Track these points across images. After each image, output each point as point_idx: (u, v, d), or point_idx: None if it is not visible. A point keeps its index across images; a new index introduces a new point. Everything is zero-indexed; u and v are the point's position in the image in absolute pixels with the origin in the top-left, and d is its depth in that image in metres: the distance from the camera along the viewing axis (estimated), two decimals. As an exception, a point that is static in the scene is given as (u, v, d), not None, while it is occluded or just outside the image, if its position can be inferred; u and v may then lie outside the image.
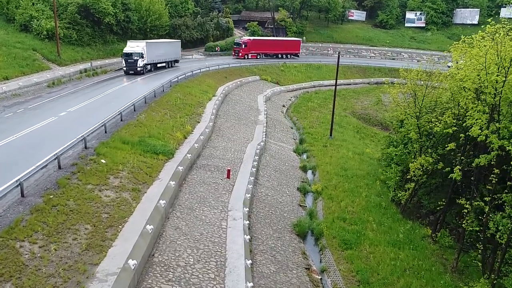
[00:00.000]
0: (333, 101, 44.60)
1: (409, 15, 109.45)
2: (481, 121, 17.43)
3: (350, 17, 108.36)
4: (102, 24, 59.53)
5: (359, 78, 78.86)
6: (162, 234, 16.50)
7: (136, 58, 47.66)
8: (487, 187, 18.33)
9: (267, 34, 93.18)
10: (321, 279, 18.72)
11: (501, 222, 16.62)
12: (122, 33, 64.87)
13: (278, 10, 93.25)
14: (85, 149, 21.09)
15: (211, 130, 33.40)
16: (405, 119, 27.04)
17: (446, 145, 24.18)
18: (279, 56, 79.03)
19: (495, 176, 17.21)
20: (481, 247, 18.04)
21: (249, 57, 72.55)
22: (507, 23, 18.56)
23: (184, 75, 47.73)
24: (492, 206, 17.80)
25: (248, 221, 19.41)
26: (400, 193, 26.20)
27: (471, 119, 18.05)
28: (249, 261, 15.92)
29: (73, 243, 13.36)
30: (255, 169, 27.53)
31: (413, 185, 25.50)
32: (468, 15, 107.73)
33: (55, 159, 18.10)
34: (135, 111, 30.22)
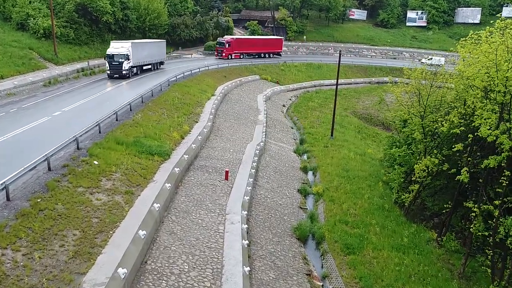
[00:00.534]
0: (334, 101, 43.80)
1: (410, 14, 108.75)
2: (491, 121, 16.62)
3: (351, 16, 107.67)
4: (100, 22, 58.86)
5: (360, 77, 78.08)
6: (155, 239, 15.72)
7: (121, 60, 43.50)
8: (497, 190, 17.53)
9: (267, 33, 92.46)
10: (322, 285, 17.93)
11: (512, 226, 15.86)
12: (120, 32, 64.18)
13: (278, 9, 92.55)
14: (78, 150, 20.30)
15: (210, 130, 32.62)
16: (408, 119, 26.26)
17: (451, 146, 23.54)
18: (262, 55, 75.87)
19: (505, 178, 16.40)
20: (491, 253, 17.22)
21: (232, 57, 69.10)
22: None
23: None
24: (502, 209, 16.99)
25: (246, 225, 18.62)
26: (403, 195, 25.40)
27: (480, 118, 17.24)
28: (247, 268, 15.14)
29: (59, 251, 12.58)
30: (254, 170, 26.75)
31: (417, 186, 24.68)
32: (469, 14, 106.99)
33: (45, 160, 17.32)
34: (131, 110, 29.45)
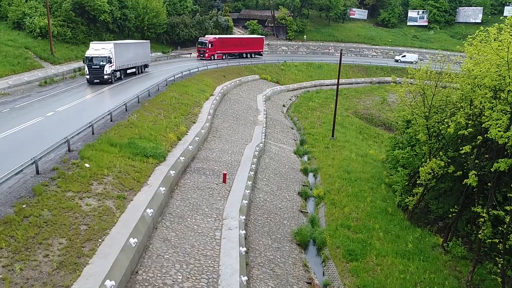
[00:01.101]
0: (335, 101, 42.99)
1: (412, 14, 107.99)
2: (501, 122, 15.79)
3: (351, 16, 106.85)
4: (97, 21, 58.15)
5: (361, 77, 77.28)
6: (148, 247, 14.90)
7: (102, 63, 38.77)
8: (508, 195, 16.71)
9: (267, 32, 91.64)
10: (324, 294, 17.13)
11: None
12: (118, 31, 63.47)
13: (278, 8, 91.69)
14: (69, 152, 19.49)
15: (208, 131, 31.80)
16: (412, 120, 25.45)
17: (457, 147, 22.73)
18: (244, 56, 71.33)
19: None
20: (501, 261, 16.39)
21: (215, 58, 64.77)
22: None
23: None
24: (513, 215, 16.18)
25: (244, 231, 17.80)
26: (407, 198, 24.59)
27: (489, 119, 16.42)
28: (245, 278, 14.32)
29: (43, 261, 11.76)
30: (253, 173, 25.93)
31: (421, 189, 23.89)
32: (471, 14, 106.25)
33: (33, 163, 16.50)
34: (127, 111, 28.64)
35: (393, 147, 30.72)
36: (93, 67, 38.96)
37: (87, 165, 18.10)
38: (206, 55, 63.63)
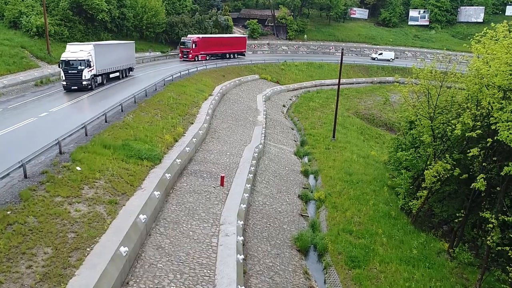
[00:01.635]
0: (336, 101, 42.22)
1: (413, 13, 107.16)
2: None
3: (352, 15, 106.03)
4: (95, 21, 57.49)
5: (362, 77, 76.53)
6: (140, 255, 14.15)
7: (80, 67, 34.07)
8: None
9: (267, 32, 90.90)
10: (325, 304, 16.38)
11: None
12: (117, 31, 62.82)
13: (278, 7, 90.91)
14: (60, 155, 18.72)
15: (206, 132, 31.04)
16: (416, 121, 24.67)
17: (462, 149, 21.99)
18: (227, 56, 67.57)
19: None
20: (511, 269, 15.63)
21: (199, 59, 61.19)
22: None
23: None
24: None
25: (242, 237, 17.04)
26: (411, 201, 23.82)
27: (499, 121, 15.65)
28: (242, 288, 13.58)
29: (25, 273, 11.02)
30: (252, 175, 25.17)
31: (425, 193, 23.11)
32: (473, 13, 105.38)
33: (20, 167, 15.75)
34: (122, 111, 27.87)
35: (396, 149, 29.95)
36: (70, 72, 34.31)
37: (78, 168, 17.35)
38: (189, 56, 60.55)
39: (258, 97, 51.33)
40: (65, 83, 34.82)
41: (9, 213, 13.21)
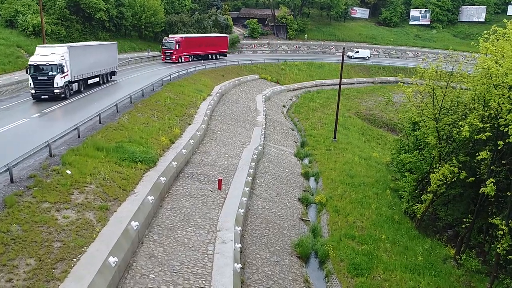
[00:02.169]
0: (337, 101, 41.44)
1: (414, 13, 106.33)
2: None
3: (352, 15, 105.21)
4: (93, 20, 56.74)
5: (363, 77, 75.75)
6: (131, 265, 13.36)
7: (51, 73, 29.07)
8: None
9: (267, 31, 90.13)
10: (327, 315, 15.60)
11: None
12: (115, 30, 62.07)
13: (278, 7, 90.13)
14: (50, 157, 17.93)
15: (204, 133, 30.25)
16: (421, 122, 23.90)
17: (468, 151, 21.24)
18: (209, 57, 62.96)
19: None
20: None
21: (182, 61, 57.20)
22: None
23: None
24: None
25: (240, 244, 16.24)
26: (415, 205, 23.04)
27: (510, 123, 14.87)
28: (239, 300, 12.81)
29: (5, 287, 10.23)
30: (251, 178, 24.39)
31: (430, 196, 22.31)
32: (474, 13, 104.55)
33: (6, 171, 14.96)
34: (118, 112, 27.07)
35: (399, 150, 29.21)
36: (39, 78, 29.18)
37: (68, 172, 16.57)
38: (173, 57, 56.38)
39: (257, 97, 50.57)
40: (33, 91, 29.44)
41: (-9, 221, 12.45)
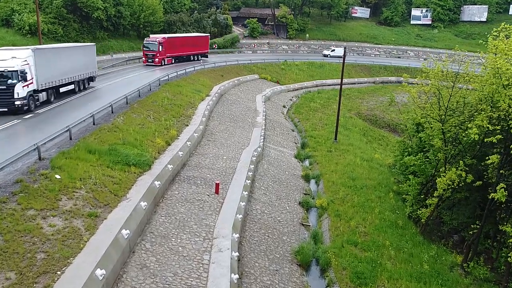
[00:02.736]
0: (338, 101, 40.63)
1: (415, 12, 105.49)
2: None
3: (353, 14, 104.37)
4: (90, 19, 56.03)
5: (364, 77, 74.92)
6: (121, 277, 12.56)
7: (11, 81, 24.79)
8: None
9: (267, 31, 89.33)
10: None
11: None
12: (113, 29, 61.38)
13: (278, 6, 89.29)
14: (39, 161, 17.15)
15: (201, 134, 29.46)
16: (425, 123, 23.08)
17: (475, 154, 20.47)
18: (191, 59, 58.92)
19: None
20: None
21: (165, 63, 53.05)
22: None
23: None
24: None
25: (237, 253, 15.43)
26: (420, 210, 22.24)
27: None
28: (236, 314, 12.01)
29: (-20, 305, 9.48)
30: (250, 181, 23.59)
31: (435, 200, 21.50)
32: (476, 12, 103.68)
33: (-10, 176, 14.16)
34: (113, 113, 26.27)
35: (402, 152, 28.43)
36: None
37: (57, 177, 15.78)
38: (156, 60, 51.67)
39: (257, 98, 49.77)
40: None
41: (-30, 230, 11.66)
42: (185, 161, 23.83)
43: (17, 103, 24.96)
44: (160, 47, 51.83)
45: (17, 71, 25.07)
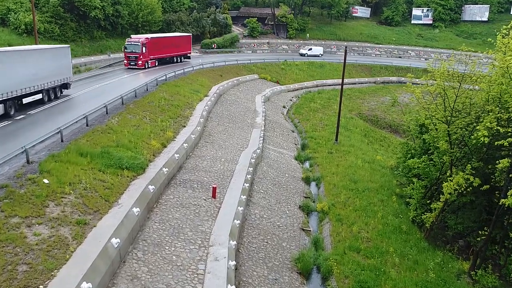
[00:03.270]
0: (339, 102, 39.85)
1: (416, 12, 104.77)
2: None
3: (354, 14, 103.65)
4: (88, 18, 55.37)
5: (365, 77, 74.17)
6: (110, 289, 11.82)
7: None
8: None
9: (267, 31, 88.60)
10: None
11: None
12: (111, 29, 60.73)
13: (278, 6, 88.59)
14: (27, 164, 16.39)
15: (199, 135, 28.69)
16: (430, 125, 22.31)
17: (482, 157, 19.72)
18: (174, 60, 55.46)
19: None
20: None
21: (149, 65, 48.89)
22: None
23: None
24: None
25: (234, 262, 14.66)
26: (424, 214, 21.46)
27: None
28: (232, 330, 11.24)
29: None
30: (249, 184, 22.82)
31: (441, 204, 20.73)
32: (477, 12, 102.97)
33: (-27, 181, 13.36)
34: (107, 113, 25.51)
35: (405, 154, 27.65)
36: None
37: (45, 181, 15.00)
38: (139, 62, 47.41)
39: (257, 98, 49.01)
40: None
41: None
42: (181, 163, 23.06)
43: None
44: (143, 48, 47.52)
45: None
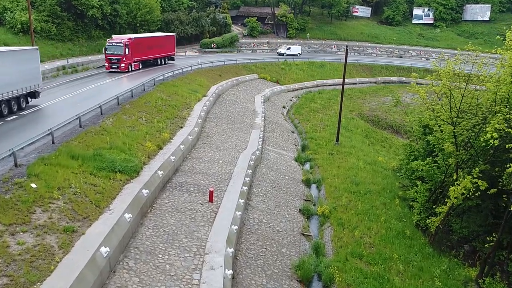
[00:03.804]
0: (340, 102, 39.13)
1: (417, 11, 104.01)
2: None
3: (354, 13, 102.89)
4: (85, 17, 54.61)
5: (366, 77, 73.44)
6: (97, 302, 11.10)
7: None
8: None
9: (267, 30, 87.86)
10: None
11: None
12: (109, 28, 59.90)
13: (278, 5, 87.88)
14: (15, 168, 15.68)
15: (197, 136, 27.98)
16: (434, 126, 21.59)
17: (489, 159, 19.03)
18: (158, 62, 51.44)
19: None
20: None
21: (132, 68, 44.86)
22: None
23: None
24: None
25: (231, 270, 13.93)
26: (428, 218, 20.75)
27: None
28: None
29: None
30: (247, 187, 22.09)
31: (446, 208, 20.01)
32: (478, 11, 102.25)
33: (-46, 186, 12.61)
34: (102, 114, 24.79)
35: (408, 156, 26.96)
36: None
37: (33, 186, 14.29)
38: (122, 65, 43.14)
39: (256, 98, 48.28)
40: None
41: None
42: (177, 166, 22.34)
43: None
44: (126, 49, 43.32)
45: None
